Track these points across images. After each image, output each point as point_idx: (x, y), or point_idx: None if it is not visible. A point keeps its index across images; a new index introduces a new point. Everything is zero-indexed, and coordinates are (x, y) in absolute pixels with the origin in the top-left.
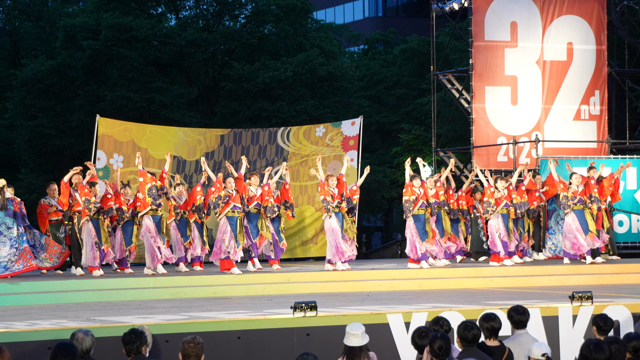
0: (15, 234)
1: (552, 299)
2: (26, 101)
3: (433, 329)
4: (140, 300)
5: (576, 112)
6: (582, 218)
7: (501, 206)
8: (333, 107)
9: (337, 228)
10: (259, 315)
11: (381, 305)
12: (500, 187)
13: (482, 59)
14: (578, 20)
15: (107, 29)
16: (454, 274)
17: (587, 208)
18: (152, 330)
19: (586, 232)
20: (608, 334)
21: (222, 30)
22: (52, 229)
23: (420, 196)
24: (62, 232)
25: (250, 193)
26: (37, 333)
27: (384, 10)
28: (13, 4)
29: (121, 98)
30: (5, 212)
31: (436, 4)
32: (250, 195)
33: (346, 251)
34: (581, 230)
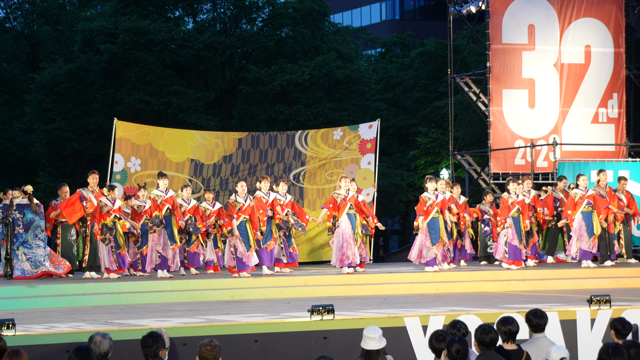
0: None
1: (570, 303)
2: (44, 105)
3: (450, 333)
4: (157, 303)
5: (594, 115)
6: (589, 221)
7: (513, 210)
8: (350, 110)
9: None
10: (276, 319)
11: (398, 309)
12: (512, 189)
13: (500, 62)
14: (596, 22)
15: (124, 33)
16: (472, 277)
17: (594, 210)
18: (169, 333)
19: (590, 235)
20: (626, 338)
21: (239, 34)
22: (63, 231)
23: (436, 203)
24: (73, 234)
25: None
26: (55, 336)
27: (401, 13)
28: (31, 8)
29: (139, 101)
30: (39, 216)
31: (453, 7)
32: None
33: (350, 256)
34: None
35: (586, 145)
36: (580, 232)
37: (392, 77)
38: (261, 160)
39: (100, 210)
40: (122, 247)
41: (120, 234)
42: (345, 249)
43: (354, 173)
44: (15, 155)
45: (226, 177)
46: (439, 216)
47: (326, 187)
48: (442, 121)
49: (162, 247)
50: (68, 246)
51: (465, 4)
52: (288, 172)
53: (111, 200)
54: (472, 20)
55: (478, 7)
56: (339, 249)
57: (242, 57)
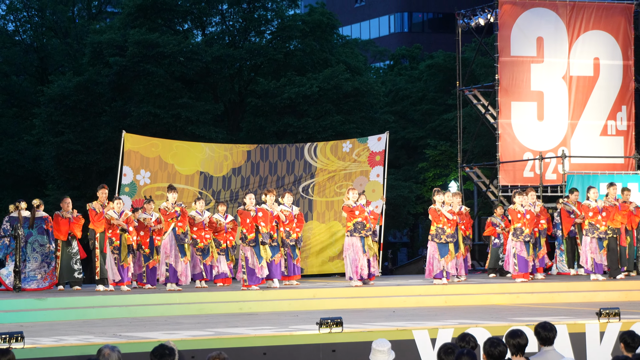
0: (47, 250)
1: (579, 316)
2: (53, 117)
3: (459, 346)
4: (166, 316)
5: (603, 128)
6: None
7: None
8: (359, 123)
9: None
10: (284, 331)
11: (407, 322)
12: (518, 202)
13: (508, 75)
14: (605, 35)
15: (133, 46)
16: (480, 290)
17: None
18: (178, 346)
19: (601, 248)
20: (636, 351)
21: (248, 46)
22: (63, 244)
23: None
24: (75, 246)
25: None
26: (63, 349)
27: (410, 25)
28: (41, 21)
29: (147, 114)
30: (37, 230)
31: (462, 19)
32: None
33: (363, 269)
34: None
35: (595, 158)
36: (593, 245)
37: (400, 90)
38: (271, 173)
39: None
40: (124, 260)
41: (125, 247)
42: (358, 262)
43: (363, 185)
44: (25, 167)
45: (236, 189)
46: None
47: (335, 200)
48: (451, 133)
49: (173, 259)
50: (68, 259)
51: (474, 16)
52: (298, 184)
53: (116, 212)
54: (481, 33)
55: (487, 19)
56: (352, 261)
57: (251, 70)
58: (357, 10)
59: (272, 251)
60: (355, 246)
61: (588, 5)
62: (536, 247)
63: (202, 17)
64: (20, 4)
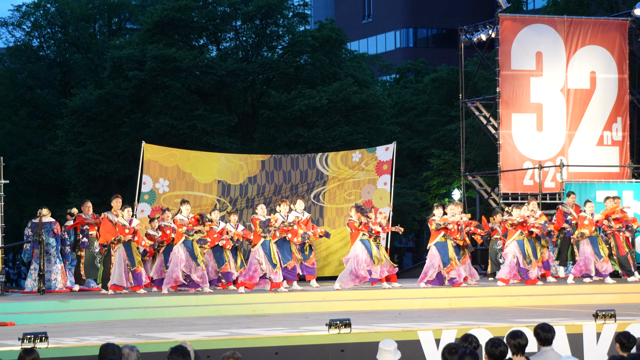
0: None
1: (577, 317)
2: (75, 128)
3: (462, 346)
4: (182, 317)
5: (599, 138)
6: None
7: (517, 233)
8: (366, 133)
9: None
10: (295, 332)
11: (412, 323)
12: (515, 215)
13: (509, 87)
14: (601, 50)
15: (151, 60)
16: (482, 293)
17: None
18: (194, 346)
19: (599, 257)
20: (631, 351)
21: (260, 61)
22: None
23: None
24: (97, 246)
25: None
26: (85, 349)
27: (415, 41)
28: (64, 37)
29: (165, 125)
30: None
31: (464, 35)
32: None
33: (366, 276)
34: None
35: (592, 167)
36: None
37: (406, 102)
38: (285, 181)
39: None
40: (137, 265)
41: (136, 253)
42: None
43: (371, 193)
44: (48, 176)
45: (252, 196)
46: (446, 240)
47: (344, 207)
48: (454, 144)
49: (188, 269)
50: (91, 258)
51: (476, 32)
52: (310, 191)
53: (127, 220)
54: (483, 48)
55: (488, 35)
56: (350, 271)
57: (263, 83)
58: (364, 26)
59: (283, 258)
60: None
61: (585, 22)
62: (535, 255)
63: (216, 33)
64: (45, 21)
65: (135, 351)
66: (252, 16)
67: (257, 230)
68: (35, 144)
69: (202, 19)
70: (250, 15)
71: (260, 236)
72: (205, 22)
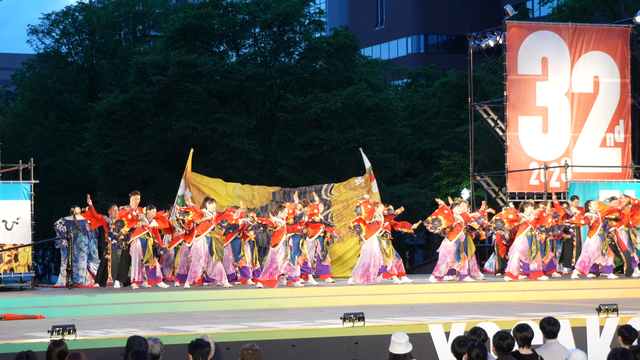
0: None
1: (581, 311)
2: (102, 131)
3: (471, 339)
4: (203, 311)
5: (602, 140)
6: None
7: (527, 229)
8: (379, 135)
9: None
10: (311, 325)
11: (423, 317)
12: (526, 213)
13: (516, 91)
14: (604, 55)
15: (174, 66)
16: (490, 288)
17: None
18: (214, 338)
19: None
20: (633, 343)
21: (278, 66)
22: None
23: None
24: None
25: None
26: (111, 341)
27: (426, 47)
28: (91, 44)
29: (187, 128)
30: (83, 232)
31: (473, 41)
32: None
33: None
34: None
35: (595, 167)
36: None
37: (417, 105)
38: None
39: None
40: (149, 261)
41: (149, 250)
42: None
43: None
44: (76, 176)
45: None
46: (458, 238)
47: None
48: (463, 145)
49: (206, 264)
50: (117, 259)
51: (484, 38)
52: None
53: (148, 219)
54: (491, 53)
55: (496, 41)
56: (362, 265)
57: (281, 87)
58: (377, 33)
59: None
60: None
61: (588, 29)
62: (543, 252)
63: (236, 39)
64: (73, 29)
65: (158, 343)
66: (270, 23)
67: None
68: (63, 145)
69: (222, 26)
70: (269, 23)
71: (281, 235)
72: (225, 29)
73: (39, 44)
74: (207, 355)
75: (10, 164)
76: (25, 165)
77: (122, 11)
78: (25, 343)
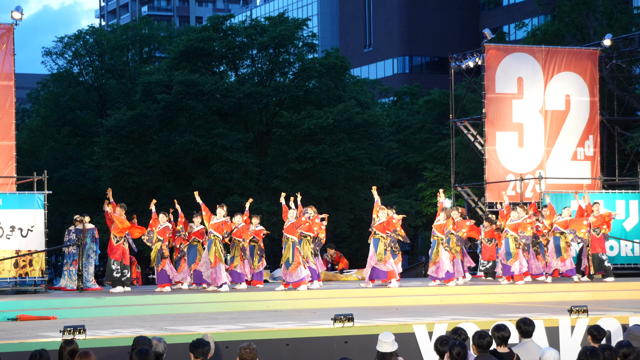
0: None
1: (554, 312)
2: (110, 145)
3: (452, 338)
4: (204, 312)
5: (573, 154)
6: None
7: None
8: (367, 149)
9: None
10: (304, 326)
11: (408, 317)
12: (514, 217)
13: (494, 109)
14: (574, 76)
15: (178, 85)
16: (470, 291)
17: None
18: (214, 338)
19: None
20: (601, 342)
21: (274, 85)
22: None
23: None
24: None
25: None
26: (118, 340)
27: (410, 67)
28: (101, 65)
29: (189, 142)
30: (91, 239)
31: (454, 62)
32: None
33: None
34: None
35: (567, 179)
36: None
37: (402, 122)
38: None
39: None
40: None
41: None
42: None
43: None
44: (86, 187)
45: None
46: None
47: None
48: (445, 158)
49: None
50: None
51: (465, 59)
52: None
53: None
54: (471, 74)
55: (475, 62)
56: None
57: (276, 105)
58: (366, 54)
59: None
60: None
61: (560, 51)
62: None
63: (235, 60)
64: (84, 51)
65: (162, 342)
66: (266, 46)
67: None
68: (75, 159)
69: (222, 48)
70: (265, 45)
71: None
72: (225, 51)
73: (52, 64)
74: (207, 353)
75: (26, 175)
76: (40, 177)
77: (129, 34)
78: (38, 342)
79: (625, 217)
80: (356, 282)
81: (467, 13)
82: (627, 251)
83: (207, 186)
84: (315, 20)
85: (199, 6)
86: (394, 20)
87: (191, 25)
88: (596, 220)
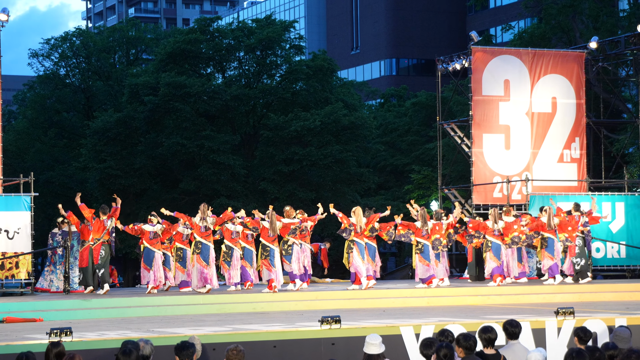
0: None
1: (540, 314)
2: (97, 147)
3: (439, 340)
4: (191, 314)
5: (560, 156)
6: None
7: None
8: (354, 151)
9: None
10: (291, 328)
11: (395, 319)
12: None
13: (480, 111)
14: (561, 78)
15: (164, 87)
16: (457, 293)
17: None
18: (201, 340)
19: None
20: (588, 344)
21: (261, 87)
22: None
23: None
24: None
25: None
26: (105, 342)
27: (397, 69)
28: (87, 67)
29: (176, 144)
30: (77, 242)
31: (441, 64)
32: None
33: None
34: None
35: (553, 181)
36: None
37: (389, 124)
38: None
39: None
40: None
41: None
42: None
43: None
44: (73, 189)
45: None
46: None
47: None
48: (432, 160)
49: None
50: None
51: (452, 62)
52: None
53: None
54: (457, 76)
55: (462, 64)
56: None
57: (264, 107)
58: (353, 56)
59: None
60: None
61: (547, 54)
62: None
63: (222, 62)
64: (71, 52)
65: (149, 344)
66: (253, 48)
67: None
68: (61, 160)
69: (209, 50)
70: (252, 47)
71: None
72: (212, 53)
73: (39, 66)
74: (192, 355)
75: (12, 177)
76: (26, 179)
77: (116, 36)
78: (25, 344)
79: (611, 219)
80: (344, 284)
81: (453, 15)
82: (613, 253)
83: (194, 188)
84: (302, 23)
85: (186, 8)
86: (381, 23)
87: (178, 27)
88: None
